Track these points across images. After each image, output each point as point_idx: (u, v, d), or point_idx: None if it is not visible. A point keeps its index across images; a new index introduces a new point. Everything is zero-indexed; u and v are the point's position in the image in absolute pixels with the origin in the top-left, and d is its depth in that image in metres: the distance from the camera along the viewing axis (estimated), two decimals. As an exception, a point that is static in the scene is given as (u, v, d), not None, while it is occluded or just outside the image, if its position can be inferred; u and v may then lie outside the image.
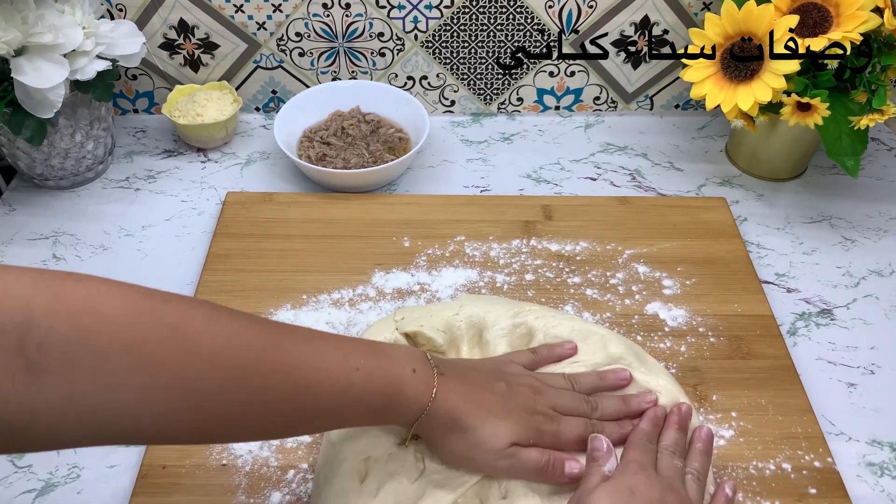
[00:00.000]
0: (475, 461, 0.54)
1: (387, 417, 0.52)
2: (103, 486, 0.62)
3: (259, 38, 0.94)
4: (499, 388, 0.56)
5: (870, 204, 0.89)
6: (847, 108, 0.78)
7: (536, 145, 0.97)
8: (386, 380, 0.50)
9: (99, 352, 0.39)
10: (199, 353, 0.42)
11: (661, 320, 0.74)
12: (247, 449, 0.63)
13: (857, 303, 0.78)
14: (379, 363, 0.50)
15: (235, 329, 0.44)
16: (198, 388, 0.42)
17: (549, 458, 0.55)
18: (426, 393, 0.51)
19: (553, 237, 0.82)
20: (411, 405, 0.51)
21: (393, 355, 0.52)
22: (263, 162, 0.94)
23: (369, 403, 0.49)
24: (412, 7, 0.91)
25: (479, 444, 0.53)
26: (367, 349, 0.51)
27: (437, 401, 0.51)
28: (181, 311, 0.42)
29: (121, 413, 0.40)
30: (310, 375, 0.46)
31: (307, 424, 0.50)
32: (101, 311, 0.39)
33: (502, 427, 0.53)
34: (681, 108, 1.02)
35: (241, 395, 0.44)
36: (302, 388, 0.46)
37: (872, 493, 0.62)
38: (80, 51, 0.78)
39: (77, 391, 0.38)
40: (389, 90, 0.95)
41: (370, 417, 0.51)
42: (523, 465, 0.54)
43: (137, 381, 0.40)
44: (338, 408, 0.48)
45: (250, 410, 0.45)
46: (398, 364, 0.51)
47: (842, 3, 0.75)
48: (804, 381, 0.69)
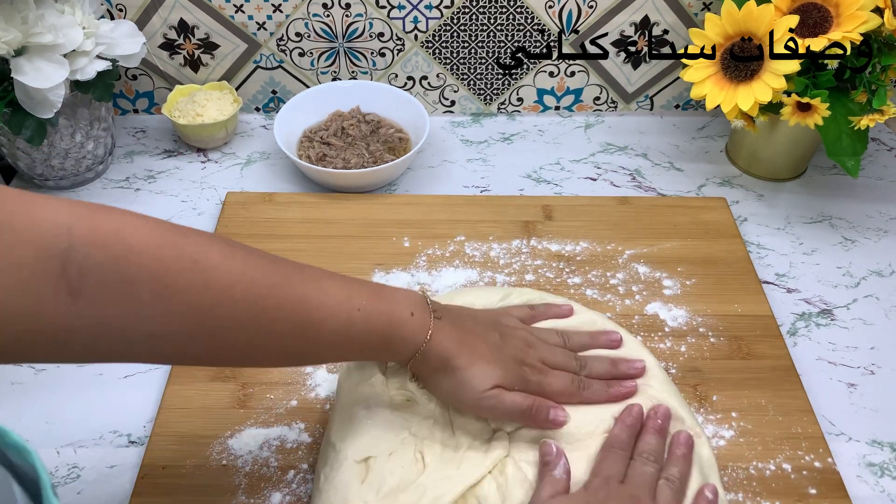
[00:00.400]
0: (461, 400, 0.56)
1: (384, 355, 0.55)
2: (103, 486, 0.62)
3: (259, 38, 0.94)
4: (492, 338, 0.58)
5: (870, 204, 0.89)
6: (847, 109, 0.78)
7: (536, 145, 0.97)
8: (385, 321, 0.53)
9: (127, 280, 0.42)
10: (215, 285, 0.45)
11: (661, 320, 0.74)
12: (247, 449, 0.63)
13: (858, 303, 0.78)
14: (379, 305, 0.53)
15: (249, 264, 0.48)
16: (213, 317, 0.46)
17: (532, 402, 0.56)
18: (422, 334, 0.54)
19: (553, 237, 0.82)
20: (407, 345, 0.54)
21: (394, 298, 0.54)
22: (263, 162, 0.94)
23: (367, 341, 0.53)
24: (412, 7, 0.91)
25: (465, 384, 0.55)
26: (370, 291, 0.53)
27: (431, 343, 0.54)
28: (200, 246, 0.45)
29: (146, 336, 0.44)
30: (315, 312, 0.50)
31: (310, 356, 0.54)
32: (130, 242, 0.43)
33: (489, 371, 0.56)
34: (681, 108, 1.02)
35: (252, 326, 0.47)
36: (307, 323, 0.50)
37: (872, 494, 0.62)
38: (80, 51, 0.78)
39: (108, 314, 0.42)
40: (389, 90, 0.95)
41: (368, 353, 0.55)
42: (506, 406, 0.56)
43: (160, 307, 0.43)
44: (339, 343, 0.52)
45: (259, 340, 0.49)
46: (398, 307, 0.54)
47: (842, 3, 0.75)
48: (804, 382, 0.69)
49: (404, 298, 0.55)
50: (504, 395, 0.56)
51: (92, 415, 0.67)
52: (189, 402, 0.66)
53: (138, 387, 0.69)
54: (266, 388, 0.67)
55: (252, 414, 0.65)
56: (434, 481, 0.56)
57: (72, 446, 0.64)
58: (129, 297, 0.42)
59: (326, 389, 0.68)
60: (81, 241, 0.41)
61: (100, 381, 0.69)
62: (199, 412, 0.65)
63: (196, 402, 0.66)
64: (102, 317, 0.42)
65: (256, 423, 0.65)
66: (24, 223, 0.39)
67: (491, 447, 0.59)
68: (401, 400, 0.62)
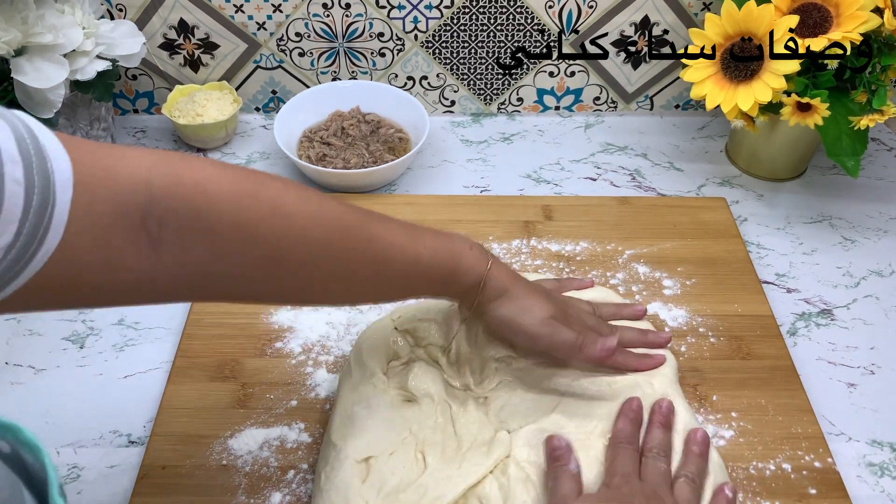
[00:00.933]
0: (521, 325, 0.59)
1: (450, 286, 0.58)
2: (103, 486, 0.62)
3: (259, 38, 0.94)
4: (540, 286, 0.63)
5: (870, 204, 0.89)
6: (847, 109, 0.78)
7: (536, 145, 0.97)
8: (448, 254, 0.57)
9: (209, 228, 0.44)
10: (294, 227, 0.48)
11: (661, 320, 0.74)
12: (247, 450, 0.63)
13: (857, 303, 0.78)
14: (442, 241, 0.57)
15: (324, 208, 0.50)
16: (290, 259, 0.48)
17: (584, 336, 0.60)
18: (482, 266, 0.58)
19: (553, 237, 0.82)
20: (470, 275, 0.58)
21: (453, 237, 0.59)
22: (263, 162, 0.94)
23: (435, 273, 0.56)
24: (412, 7, 0.91)
25: (526, 310, 0.59)
26: (430, 231, 0.57)
27: (492, 272, 0.58)
28: (278, 192, 0.47)
29: (226, 278, 0.47)
30: (386, 249, 0.53)
31: (383, 291, 0.57)
32: (210, 193, 0.44)
33: (546, 304, 0.60)
34: (681, 109, 1.02)
35: (328, 266, 0.51)
36: (379, 259, 0.53)
37: (872, 494, 0.62)
38: (80, 51, 0.78)
39: (189, 260, 0.44)
40: (389, 90, 0.95)
41: (437, 286, 0.58)
42: (561, 335, 0.59)
43: (240, 251, 0.46)
44: (409, 276, 0.55)
45: (335, 279, 0.52)
46: (458, 242, 0.58)
47: (842, 3, 0.75)
48: (804, 382, 0.69)
49: (461, 238, 0.59)
50: (560, 326, 0.60)
51: (92, 415, 0.67)
52: (189, 402, 0.66)
53: (138, 387, 0.69)
54: (266, 388, 0.67)
55: (252, 414, 0.65)
56: (435, 481, 0.56)
57: (72, 446, 0.64)
58: (211, 245, 0.44)
59: (326, 389, 0.68)
60: (162, 194, 0.42)
61: (100, 381, 0.69)
62: (199, 412, 0.65)
63: (196, 402, 0.66)
64: (184, 264, 0.44)
65: (256, 423, 0.65)
66: (101, 179, 0.40)
67: (492, 447, 0.59)
68: (401, 400, 0.62)
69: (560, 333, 0.59)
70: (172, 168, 0.43)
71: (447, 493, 0.56)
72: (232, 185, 0.45)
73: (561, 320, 0.60)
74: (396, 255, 0.54)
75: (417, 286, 0.57)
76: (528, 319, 0.59)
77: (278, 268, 0.48)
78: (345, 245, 0.51)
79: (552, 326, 0.59)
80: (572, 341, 0.60)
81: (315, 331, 0.72)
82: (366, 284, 0.55)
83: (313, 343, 0.71)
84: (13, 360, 0.71)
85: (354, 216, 0.52)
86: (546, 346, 0.60)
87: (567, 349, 0.60)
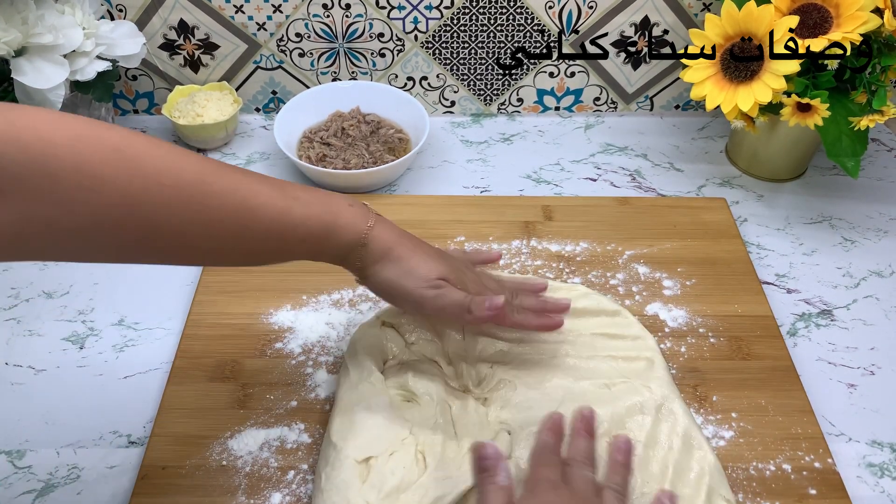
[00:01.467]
0: (405, 288, 0.56)
1: (326, 243, 0.55)
2: (103, 487, 0.62)
3: (259, 38, 0.94)
4: (432, 247, 0.60)
5: (870, 204, 0.89)
6: (847, 109, 0.78)
7: (536, 146, 0.97)
8: (323, 208, 0.54)
9: (49, 174, 0.41)
10: (142, 170, 0.45)
11: (661, 321, 0.74)
12: (247, 450, 0.63)
13: (858, 303, 0.78)
14: (316, 196, 0.54)
15: (177, 153, 0.47)
16: (143, 203, 0.45)
17: (471, 297, 0.57)
18: (362, 223, 0.55)
19: (553, 238, 0.82)
20: (348, 232, 0.55)
21: (331, 193, 0.56)
22: (263, 162, 0.94)
23: (309, 228, 0.53)
24: (412, 8, 0.91)
25: (411, 272, 0.56)
26: (304, 187, 0.55)
27: (374, 231, 0.56)
28: (123, 136, 0.45)
29: (74, 230, 0.44)
30: (250, 197, 0.50)
31: (252, 249, 0.53)
32: (48, 138, 0.42)
33: (434, 263, 0.57)
34: (681, 109, 1.02)
35: (185, 212, 0.47)
36: (243, 208, 0.49)
37: (872, 494, 0.62)
38: (80, 51, 0.79)
39: (32, 210, 0.41)
40: (389, 91, 0.95)
41: (309, 244, 0.54)
42: (449, 296, 0.57)
43: (86, 198, 0.43)
44: (278, 230, 0.52)
45: (194, 228, 0.48)
46: (334, 199, 0.55)
47: (842, 3, 0.75)
48: (804, 382, 0.69)
49: (341, 196, 0.56)
50: (448, 287, 0.57)
51: (92, 415, 0.67)
52: (189, 402, 0.66)
53: (138, 387, 0.69)
54: (266, 389, 0.67)
55: (252, 414, 0.65)
56: (435, 481, 0.56)
57: (72, 446, 0.64)
58: (52, 191, 0.42)
59: (326, 390, 0.68)
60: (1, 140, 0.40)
61: (100, 381, 0.69)
62: (199, 412, 0.65)
63: (196, 403, 0.66)
64: (28, 212, 0.41)
65: (256, 423, 0.65)
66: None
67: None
68: (401, 400, 0.62)
69: (447, 295, 0.56)
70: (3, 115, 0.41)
71: (448, 494, 0.56)
72: (69, 128, 0.43)
73: (452, 281, 0.57)
74: (263, 206, 0.50)
75: (290, 244, 0.54)
76: (411, 282, 0.56)
77: (129, 216, 0.45)
78: (203, 190, 0.47)
79: (439, 289, 0.56)
80: (460, 301, 0.57)
81: (315, 331, 0.72)
82: (231, 240, 0.51)
83: (313, 343, 0.71)
84: (13, 360, 0.71)
85: (214, 165, 0.49)
86: (432, 308, 0.57)
87: (455, 310, 0.57)
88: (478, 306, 0.57)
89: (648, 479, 0.58)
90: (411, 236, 0.59)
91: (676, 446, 0.60)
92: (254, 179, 0.51)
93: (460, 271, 0.59)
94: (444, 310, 0.57)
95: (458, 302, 0.57)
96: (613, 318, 0.70)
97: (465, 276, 0.60)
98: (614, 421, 0.61)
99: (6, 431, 0.65)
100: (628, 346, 0.68)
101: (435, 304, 0.57)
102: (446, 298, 0.56)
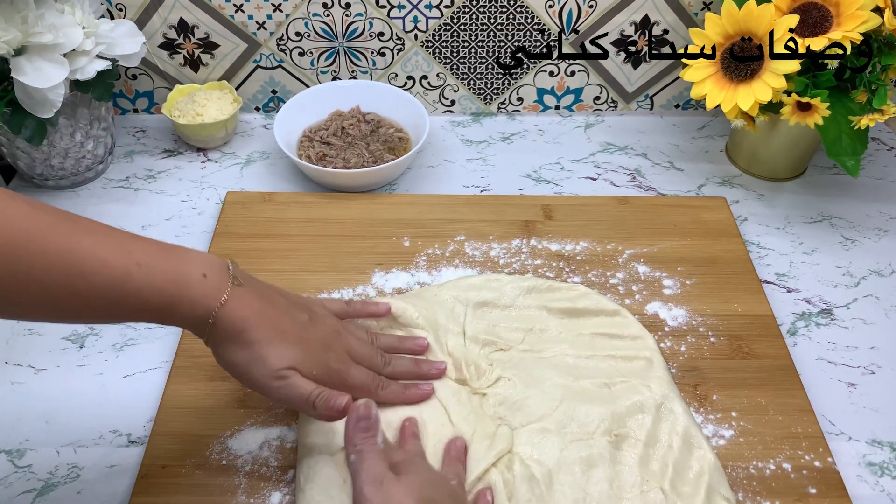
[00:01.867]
0: (252, 377, 0.53)
1: (168, 317, 0.51)
2: (103, 486, 0.62)
3: (259, 37, 0.94)
4: (300, 317, 0.56)
5: (870, 204, 0.89)
6: (847, 108, 0.78)
7: (536, 145, 0.97)
8: (169, 278, 0.50)
9: None
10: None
11: (661, 320, 0.74)
12: (247, 450, 0.63)
13: (858, 303, 0.78)
14: (165, 262, 0.50)
15: (11, 209, 0.45)
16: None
17: (319, 392, 0.54)
18: (215, 298, 0.51)
19: (553, 237, 0.82)
20: (196, 308, 0.51)
21: (184, 258, 0.51)
22: (263, 162, 0.94)
23: (147, 299, 0.49)
24: (412, 7, 0.91)
25: (258, 360, 0.53)
26: (156, 249, 0.51)
27: (225, 308, 0.51)
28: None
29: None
30: (86, 263, 0.47)
31: (82, 311, 0.49)
32: None
33: (288, 350, 0.53)
34: (681, 108, 1.02)
35: (9, 272, 0.45)
36: (76, 273, 0.46)
37: (872, 493, 0.62)
38: (80, 50, 0.78)
39: None
40: (389, 90, 0.95)
41: (150, 314, 0.50)
42: (295, 390, 0.53)
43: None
44: (114, 298, 0.48)
45: (23, 290, 0.46)
46: (187, 266, 0.51)
47: (842, 2, 0.75)
48: (804, 381, 0.69)
49: (197, 259, 0.52)
50: (296, 379, 0.54)
51: (92, 415, 0.66)
52: (189, 401, 0.66)
53: (138, 387, 0.69)
54: (266, 388, 0.67)
55: (252, 414, 0.65)
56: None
57: (72, 446, 0.64)
58: None
59: (326, 389, 0.68)
60: None
61: (100, 381, 0.69)
62: (199, 412, 0.65)
63: (196, 402, 0.66)
64: None
65: (256, 423, 0.65)
66: None
67: (494, 441, 0.59)
68: None
69: (294, 388, 0.53)
70: None
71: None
72: None
73: (309, 367, 0.54)
74: (99, 271, 0.47)
75: (127, 310, 0.50)
76: (259, 371, 0.53)
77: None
78: (33, 251, 0.45)
79: (286, 381, 0.53)
80: (305, 397, 0.54)
81: (315, 330, 0.72)
82: (62, 300, 0.47)
83: (313, 343, 0.71)
84: (13, 360, 0.71)
85: (51, 221, 0.47)
86: (277, 399, 0.55)
87: (300, 404, 0.54)
88: (322, 404, 0.54)
89: (648, 478, 0.58)
90: (276, 309, 0.55)
91: (676, 445, 0.60)
92: (96, 240, 0.48)
93: (322, 355, 0.56)
94: (290, 401, 0.55)
95: (303, 396, 0.54)
96: (613, 317, 0.70)
97: (328, 356, 0.56)
98: (615, 420, 0.61)
99: (6, 431, 0.65)
100: (627, 346, 0.68)
101: (279, 395, 0.54)
102: (292, 390, 0.54)
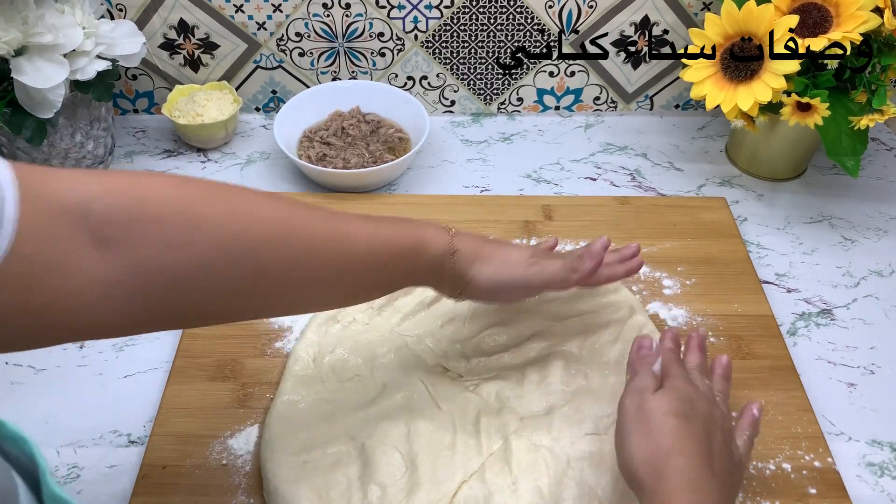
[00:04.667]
0: (510, 276, 0.60)
1: (420, 257, 0.57)
2: (103, 486, 0.62)
3: (259, 38, 0.94)
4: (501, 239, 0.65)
5: (870, 204, 0.89)
6: (847, 108, 0.78)
7: (536, 145, 0.97)
8: (406, 225, 0.57)
9: (154, 218, 0.43)
10: (238, 209, 0.47)
11: (661, 320, 0.74)
12: (247, 449, 0.63)
13: (857, 303, 0.78)
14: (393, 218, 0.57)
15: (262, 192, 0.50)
16: (246, 241, 0.46)
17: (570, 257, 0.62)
18: (445, 234, 0.58)
19: (553, 237, 0.82)
20: (437, 243, 0.57)
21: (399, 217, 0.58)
22: (263, 162, 0.94)
23: (400, 245, 0.55)
24: (412, 7, 0.91)
25: (506, 261, 0.60)
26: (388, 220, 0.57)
27: (457, 238, 0.59)
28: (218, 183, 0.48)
29: (187, 270, 0.44)
30: (342, 224, 0.53)
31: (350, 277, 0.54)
32: (150, 185, 0.44)
33: (517, 249, 0.62)
34: (681, 108, 1.02)
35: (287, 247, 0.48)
36: (339, 234, 0.52)
37: (872, 494, 0.62)
38: (80, 51, 0.78)
39: (143, 254, 0.43)
40: (389, 90, 0.95)
41: (407, 260, 0.56)
42: (549, 267, 0.61)
43: (192, 237, 0.44)
44: (374, 251, 0.53)
45: (298, 262, 0.49)
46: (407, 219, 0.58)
47: (842, 3, 0.75)
48: (804, 381, 0.69)
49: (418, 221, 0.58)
50: (543, 261, 0.61)
51: (92, 415, 0.67)
52: (189, 401, 0.66)
53: (138, 387, 0.69)
54: (266, 388, 0.67)
55: (252, 413, 0.65)
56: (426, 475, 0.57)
57: (72, 446, 0.64)
58: (159, 233, 0.43)
59: (326, 389, 0.68)
60: (99, 192, 0.42)
61: (100, 380, 0.69)
62: (199, 412, 0.65)
63: (196, 402, 0.66)
64: (139, 258, 0.42)
65: (256, 422, 0.65)
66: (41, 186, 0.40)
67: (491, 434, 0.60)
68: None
69: (548, 266, 0.61)
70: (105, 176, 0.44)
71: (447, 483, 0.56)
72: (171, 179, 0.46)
73: (540, 256, 0.62)
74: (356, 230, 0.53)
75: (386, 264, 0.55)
76: (512, 269, 0.60)
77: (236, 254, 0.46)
78: (299, 223, 0.50)
79: (537, 264, 0.60)
80: (563, 265, 0.61)
81: (315, 331, 0.72)
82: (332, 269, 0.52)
83: (313, 343, 0.71)
84: (13, 360, 0.71)
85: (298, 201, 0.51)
86: (540, 283, 0.61)
87: (562, 275, 0.61)
88: (580, 262, 0.61)
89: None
90: (492, 242, 0.62)
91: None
92: (334, 210, 0.53)
93: (535, 250, 0.64)
94: (551, 279, 0.61)
95: (561, 266, 0.61)
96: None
97: (541, 251, 0.64)
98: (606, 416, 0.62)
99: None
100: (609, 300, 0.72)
101: (541, 279, 0.61)
102: (548, 269, 0.60)
